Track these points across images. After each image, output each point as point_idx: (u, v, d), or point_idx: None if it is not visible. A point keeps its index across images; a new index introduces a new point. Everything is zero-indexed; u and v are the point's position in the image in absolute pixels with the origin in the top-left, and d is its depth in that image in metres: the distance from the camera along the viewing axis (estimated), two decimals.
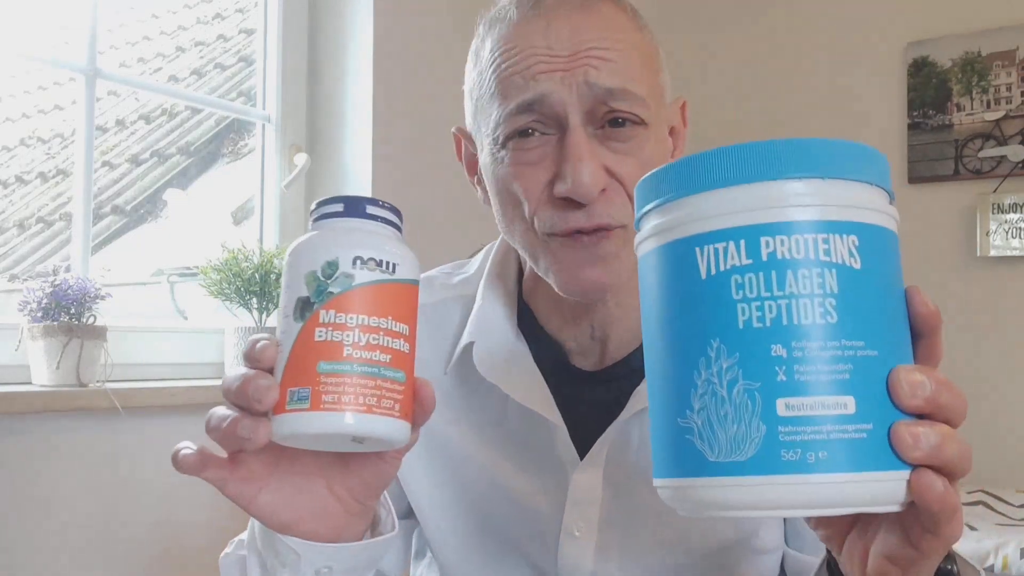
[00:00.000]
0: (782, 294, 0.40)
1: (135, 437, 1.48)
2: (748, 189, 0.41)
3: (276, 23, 2.01)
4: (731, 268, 0.41)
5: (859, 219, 0.42)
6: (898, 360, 0.42)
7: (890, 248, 0.44)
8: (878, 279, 0.42)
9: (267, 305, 1.71)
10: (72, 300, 1.38)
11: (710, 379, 0.41)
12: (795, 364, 0.40)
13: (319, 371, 0.48)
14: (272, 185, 1.98)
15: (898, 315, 0.43)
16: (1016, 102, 2.70)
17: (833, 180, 0.41)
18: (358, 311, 0.49)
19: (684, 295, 0.43)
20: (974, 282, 2.73)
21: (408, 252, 0.52)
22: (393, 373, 0.49)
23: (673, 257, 0.43)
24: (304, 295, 0.49)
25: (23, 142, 2.35)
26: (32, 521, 1.34)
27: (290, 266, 0.51)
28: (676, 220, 0.43)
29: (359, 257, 0.49)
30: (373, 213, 0.52)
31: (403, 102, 2.06)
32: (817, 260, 0.40)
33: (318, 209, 0.53)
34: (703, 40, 3.12)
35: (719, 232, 0.41)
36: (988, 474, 2.61)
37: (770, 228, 0.41)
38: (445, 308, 0.83)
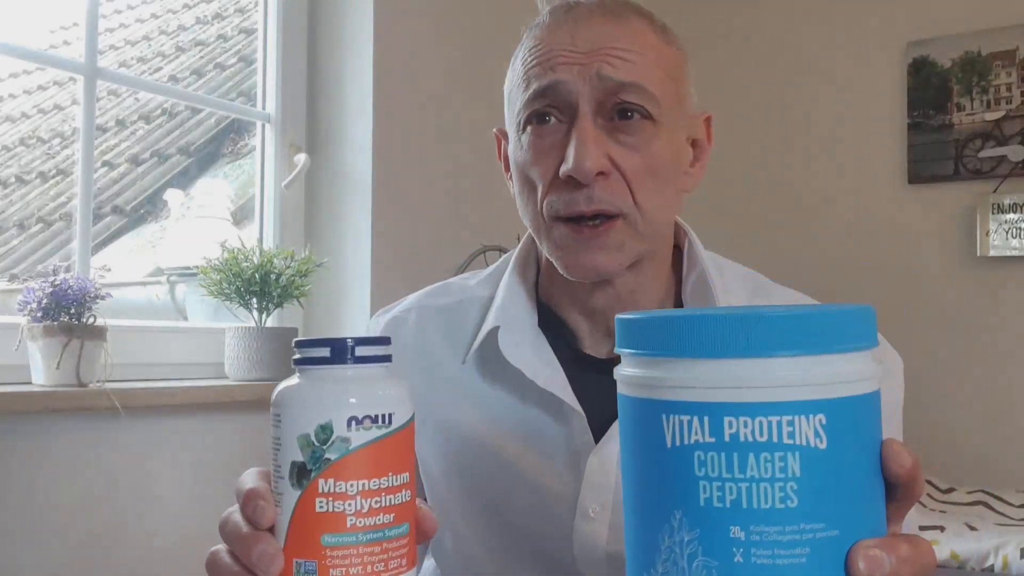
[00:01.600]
0: (743, 477, 0.40)
1: (135, 437, 1.48)
2: (714, 365, 0.41)
3: (276, 23, 2.01)
4: (695, 443, 0.41)
5: (829, 395, 0.41)
6: (863, 532, 0.42)
7: (864, 415, 0.43)
8: (845, 456, 0.41)
9: (267, 305, 1.71)
10: (72, 300, 1.38)
11: (672, 547, 0.42)
12: (752, 547, 0.40)
13: (324, 544, 0.47)
14: (272, 185, 1.98)
15: (868, 485, 0.43)
16: (1016, 102, 2.70)
17: (802, 357, 0.41)
18: (358, 476, 0.48)
19: (652, 458, 0.43)
20: (974, 282, 2.73)
21: (400, 389, 0.50)
22: (397, 531, 0.49)
23: (643, 415, 0.44)
24: (299, 460, 0.48)
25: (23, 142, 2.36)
26: (32, 521, 1.34)
27: (280, 420, 0.49)
28: (647, 378, 0.44)
29: (354, 418, 0.48)
30: (362, 355, 0.49)
31: (403, 102, 2.06)
32: (780, 443, 0.40)
33: (302, 352, 0.50)
34: (703, 40, 3.12)
35: (685, 404, 0.42)
36: (988, 474, 2.61)
37: (733, 408, 0.41)
38: (462, 307, 0.87)
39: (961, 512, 2.29)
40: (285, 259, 1.73)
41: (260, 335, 1.68)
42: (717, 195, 3.00)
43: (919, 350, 2.64)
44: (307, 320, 1.98)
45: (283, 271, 1.71)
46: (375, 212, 1.96)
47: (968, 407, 2.71)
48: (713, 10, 3.15)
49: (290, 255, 1.75)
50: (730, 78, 3.10)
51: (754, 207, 3.05)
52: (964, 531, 2.07)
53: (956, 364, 2.73)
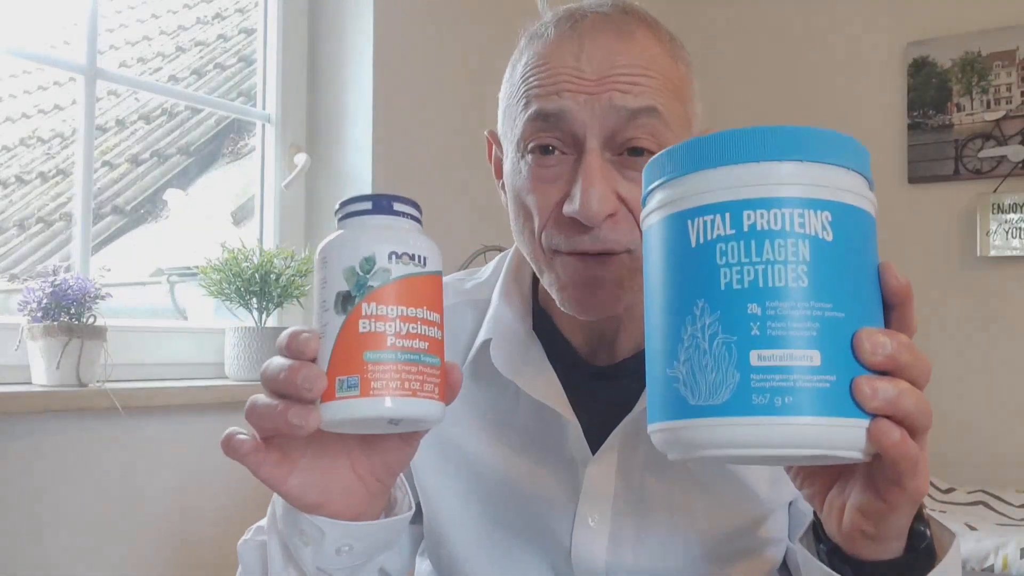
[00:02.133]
0: (760, 260, 0.45)
1: (135, 437, 1.48)
2: (735, 169, 0.46)
3: (276, 23, 2.01)
4: (717, 237, 0.46)
5: (834, 198, 0.46)
6: (865, 323, 0.46)
7: (864, 227, 0.47)
8: (849, 251, 0.46)
9: (267, 305, 1.71)
10: (72, 300, 1.38)
11: (695, 334, 0.46)
12: (768, 321, 0.44)
13: (366, 360, 0.51)
14: (272, 185, 1.98)
15: (868, 285, 0.47)
16: (1016, 102, 2.70)
17: (811, 163, 0.46)
18: (397, 302, 0.52)
19: (676, 261, 0.48)
20: (974, 282, 2.73)
21: (433, 245, 0.56)
22: (431, 359, 0.53)
23: (669, 229, 0.48)
24: (345, 289, 0.52)
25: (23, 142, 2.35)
26: (32, 521, 1.34)
27: (325, 262, 0.54)
28: (672, 196, 0.49)
29: (394, 252, 0.53)
30: (399, 210, 0.55)
31: (403, 102, 2.06)
32: (792, 232, 0.45)
33: (345, 207, 0.56)
34: (703, 40, 3.12)
35: (708, 207, 0.47)
36: (988, 474, 2.61)
37: (752, 203, 0.46)
38: (458, 312, 0.85)
39: (961, 512, 2.29)
40: (285, 259, 1.73)
41: (260, 335, 1.68)
42: None
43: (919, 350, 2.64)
44: (307, 320, 1.98)
45: (283, 271, 1.71)
46: None
47: (968, 407, 2.71)
48: (713, 10, 3.15)
49: (290, 255, 1.75)
50: (730, 78, 3.09)
51: None
52: (964, 531, 2.07)
53: (956, 364, 2.73)
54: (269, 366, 0.53)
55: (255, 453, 0.57)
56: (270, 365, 0.53)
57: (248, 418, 0.55)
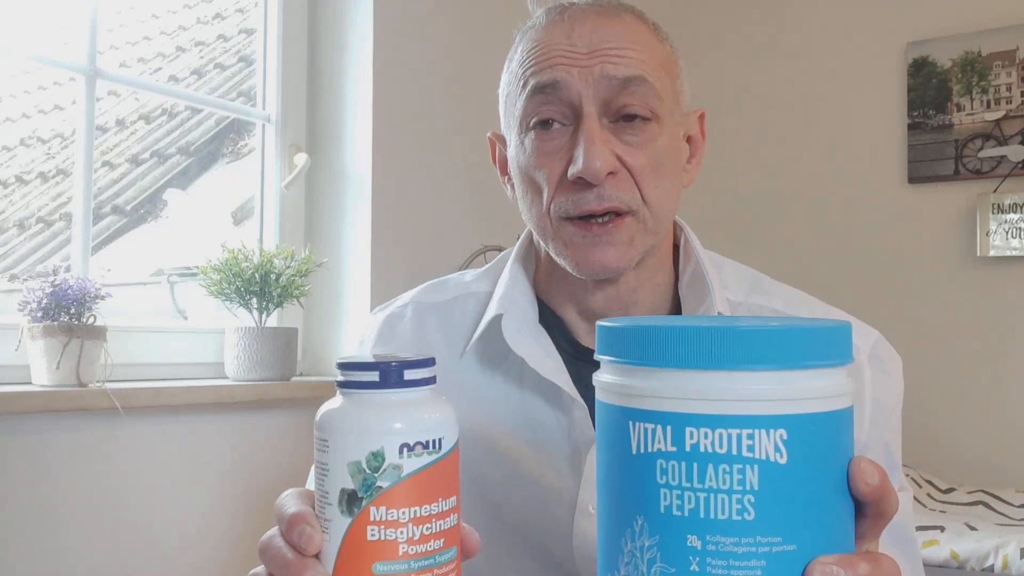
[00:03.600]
0: (701, 487, 0.41)
1: (135, 437, 1.48)
2: (679, 375, 0.42)
3: (276, 23, 2.01)
4: (657, 451, 0.42)
5: (793, 411, 0.41)
6: (823, 549, 0.42)
7: (831, 432, 0.43)
8: (807, 471, 0.41)
9: (267, 305, 1.71)
10: (72, 300, 1.38)
11: (633, 551, 0.43)
12: (708, 557, 0.41)
13: (376, 573, 0.47)
14: (272, 185, 1.98)
15: (831, 501, 0.43)
16: (1016, 102, 2.70)
17: (767, 372, 0.41)
18: (410, 504, 0.47)
19: (619, 463, 0.44)
20: (974, 282, 2.73)
21: (447, 412, 0.50)
22: (446, 556, 0.49)
23: (613, 421, 0.45)
24: (350, 488, 0.47)
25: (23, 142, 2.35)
26: (32, 521, 1.34)
27: (327, 445, 0.48)
28: (619, 385, 0.45)
29: (406, 444, 0.47)
30: (412, 379, 0.49)
31: (403, 102, 2.06)
32: (740, 456, 0.41)
33: (348, 374, 0.49)
34: (703, 40, 3.12)
35: (650, 413, 0.43)
36: (988, 474, 2.61)
37: (695, 420, 0.41)
38: (459, 303, 0.87)
39: (961, 512, 2.29)
40: (285, 259, 1.73)
41: (260, 335, 1.68)
42: (717, 195, 3.00)
43: (919, 350, 2.64)
44: (307, 320, 1.98)
45: (283, 271, 1.71)
46: (375, 212, 1.96)
47: (968, 407, 2.71)
48: (713, 9, 3.15)
49: (290, 255, 1.75)
50: (730, 78, 3.10)
51: (754, 207, 3.05)
52: (964, 531, 2.07)
53: (956, 364, 2.73)
54: (269, 548, 0.50)
55: None
56: (270, 547, 0.50)
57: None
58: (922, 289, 2.78)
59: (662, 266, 0.82)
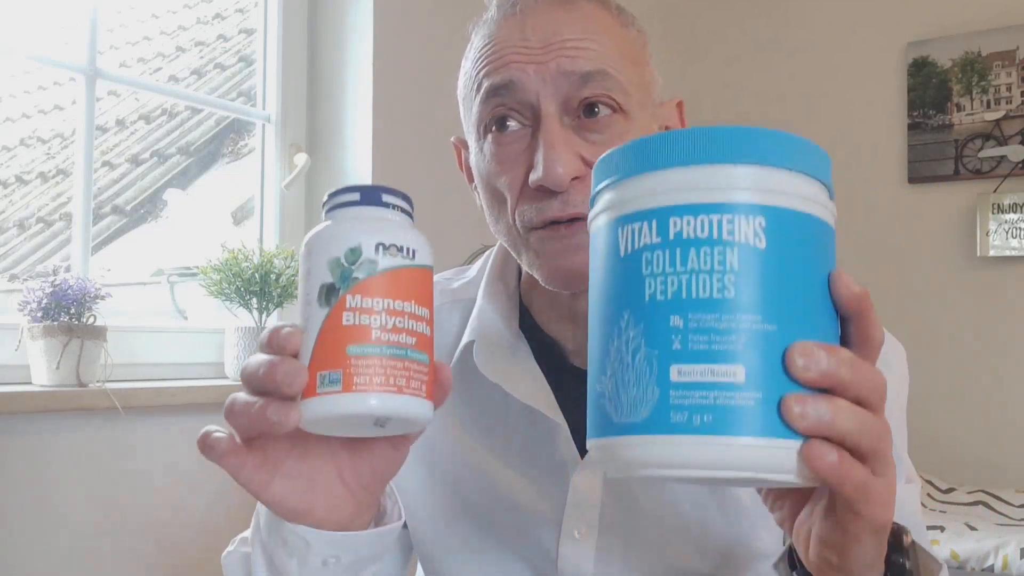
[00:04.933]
0: (684, 270, 0.42)
1: (135, 437, 1.48)
2: (664, 174, 0.44)
3: (276, 23, 2.01)
4: (643, 246, 0.44)
5: (770, 202, 0.43)
6: (805, 337, 0.42)
7: (812, 234, 0.44)
8: (787, 260, 0.43)
9: (267, 305, 1.71)
10: (72, 300, 1.38)
11: (620, 347, 0.44)
12: (690, 334, 0.42)
13: (349, 354, 0.48)
14: (272, 185, 1.98)
15: (814, 297, 0.44)
16: (1016, 102, 2.70)
17: (745, 165, 0.43)
18: (383, 295, 0.50)
19: (607, 271, 0.46)
20: (974, 282, 2.73)
21: (423, 238, 0.54)
22: (418, 355, 0.50)
23: (605, 236, 0.47)
24: (328, 281, 0.50)
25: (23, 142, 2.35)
26: (32, 521, 1.34)
27: (309, 254, 0.51)
28: (610, 201, 0.47)
29: (381, 243, 0.50)
30: (389, 201, 0.53)
31: (403, 102, 2.06)
32: (719, 239, 0.42)
33: (333, 199, 0.53)
34: (702, 39, 3.12)
35: (636, 214, 0.44)
36: (988, 474, 2.61)
37: (678, 210, 0.43)
38: (445, 312, 0.84)
39: (961, 512, 2.29)
40: (285, 259, 1.73)
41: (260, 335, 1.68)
42: None
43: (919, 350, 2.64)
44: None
45: (283, 271, 1.71)
46: None
47: (968, 407, 2.71)
48: (713, 8, 3.15)
49: (290, 255, 1.75)
50: (730, 77, 3.09)
51: None
52: (964, 531, 2.07)
53: (956, 364, 2.73)
54: (249, 363, 0.51)
55: (234, 455, 0.54)
56: (250, 362, 0.51)
57: (227, 417, 0.53)
58: (922, 289, 2.78)
59: None
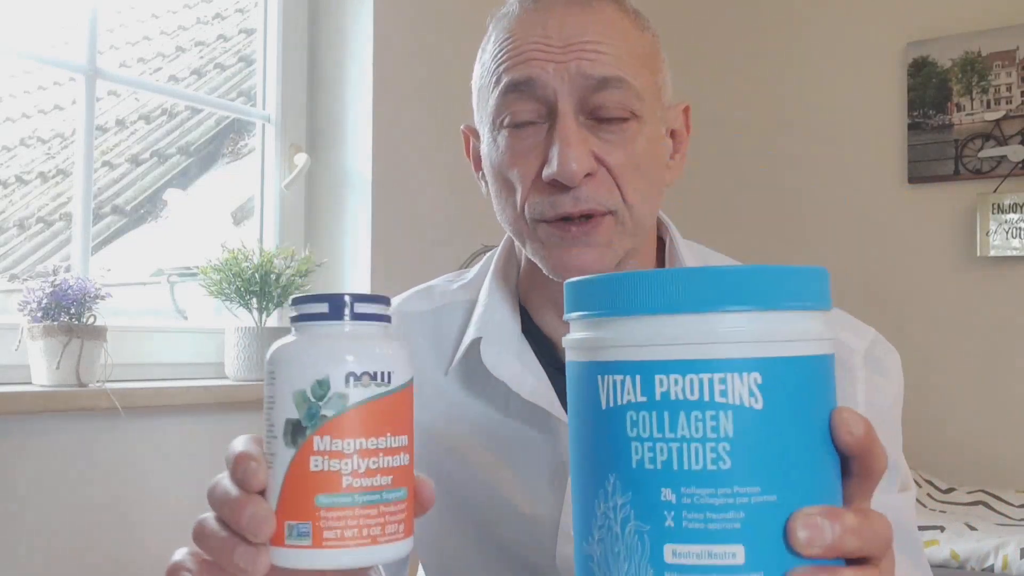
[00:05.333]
0: (673, 436, 0.39)
1: (135, 437, 1.48)
2: (646, 321, 0.40)
3: (276, 23, 2.01)
4: (627, 404, 0.40)
5: (767, 354, 0.39)
6: (806, 501, 0.39)
7: (808, 378, 0.40)
8: (785, 417, 0.39)
9: (267, 305, 1.71)
10: (72, 300, 1.38)
11: (607, 512, 0.41)
12: (683, 511, 0.39)
13: (318, 504, 0.45)
14: (272, 185, 1.98)
15: (814, 451, 0.40)
16: (1016, 102, 2.70)
17: (738, 312, 0.39)
18: (355, 435, 0.45)
19: (588, 422, 0.42)
20: (974, 282, 2.73)
21: (400, 350, 0.48)
22: (395, 494, 0.47)
23: (581, 378, 0.43)
24: (294, 418, 0.46)
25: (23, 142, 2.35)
26: (32, 521, 1.34)
27: (274, 377, 0.47)
28: (587, 340, 0.43)
29: (352, 373, 0.46)
30: (361, 312, 0.48)
31: (403, 102, 2.06)
32: (712, 402, 0.39)
33: (298, 308, 0.48)
34: (702, 39, 3.12)
35: (618, 364, 0.41)
36: (988, 474, 2.61)
37: (664, 366, 0.39)
38: (446, 312, 0.84)
39: (961, 512, 2.29)
40: (285, 259, 1.73)
41: (260, 335, 1.68)
42: (716, 194, 3.00)
43: (919, 350, 2.64)
44: None
45: (283, 271, 1.71)
46: (375, 212, 1.96)
47: (968, 407, 2.71)
48: (713, 9, 3.15)
49: (290, 255, 1.75)
50: (729, 77, 3.09)
51: (753, 207, 3.05)
52: (964, 531, 2.07)
53: (956, 364, 2.73)
54: (215, 490, 0.48)
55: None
56: (216, 488, 0.48)
57: (195, 540, 0.50)
58: (922, 289, 2.78)
59: (644, 266, 0.80)
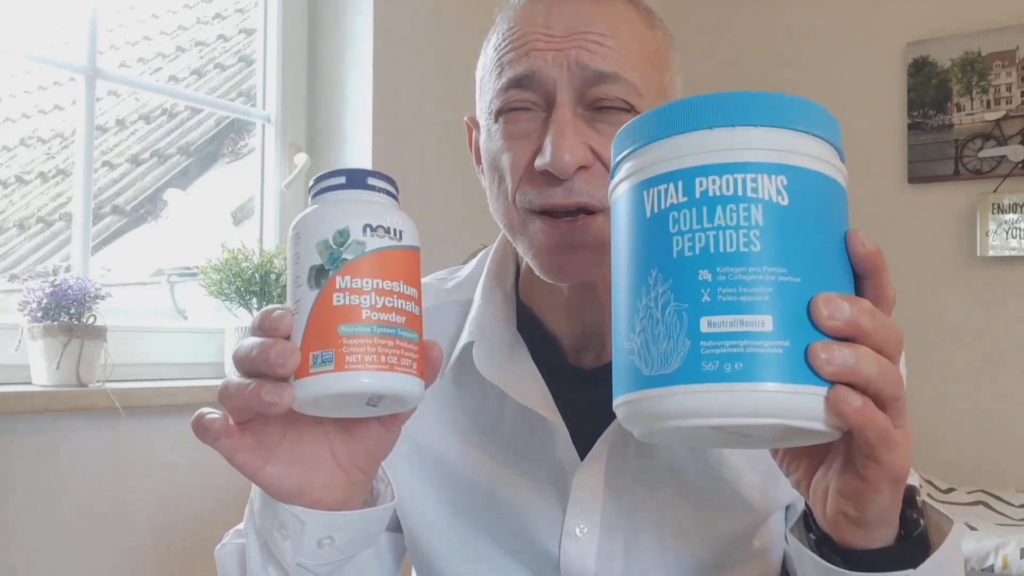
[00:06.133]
0: (711, 226, 0.44)
1: (135, 437, 1.48)
2: (689, 137, 0.46)
3: (276, 23, 2.01)
4: (670, 206, 0.46)
5: (791, 162, 0.45)
6: (827, 289, 0.44)
7: (828, 193, 0.47)
8: (808, 216, 0.45)
9: (267, 305, 1.71)
10: (72, 300, 1.38)
11: (649, 304, 0.45)
12: (719, 287, 0.43)
13: (340, 334, 0.49)
14: (272, 185, 1.98)
15: (833, 252, 0.46)
16: (1016, 102, 2.70)
17: (767, 128, 0.45)
18: (373, 275, 0.51)
19: (633, 233, 0.48)
20: (974, 282, 2.73)
21: (409, 220, 0.55)
22: (408, 334, 0.52)
23: (629, 200, 0.48)
24: (318, 263, 0.51)
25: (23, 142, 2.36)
26: (32, 521, 1.34)
27: (298, 237, 0.52)
28: (633, 167, 0.48)
29: (368, 225, 0.51)
30: (374, 184, 0.54)
31: (403, 102, 2.06)
32: (744, 196, 0.44)
33: (320, 183, 0.54)
34: (702, 39, 3.12)
35: (662, 176, 0.46)
36: (988, 474, 2.61)
37: (704, 170, 0.45)
38: (440, 312, 0.83)
39: (961, 512, 2.29)
40: (285, 259, 1.73)
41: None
42: None
43: (919, 350, 2.64)
44: None
45: (283, 271, 1.71)
46: None
47: (968, 407, 2.71)
48: (712, 9, 3.15)
49: None
50: (729, 77, 3.09)
51: None
52: (964, 531, 2.07)
53: (956, 364, 2.73)
54: (241, 346, 0.52)
55: (228, 437, 0.55)
56: (242, 345, 0.52)
57: (221, 400, 0.53)
58: (922, 289, 2.78)
59: None
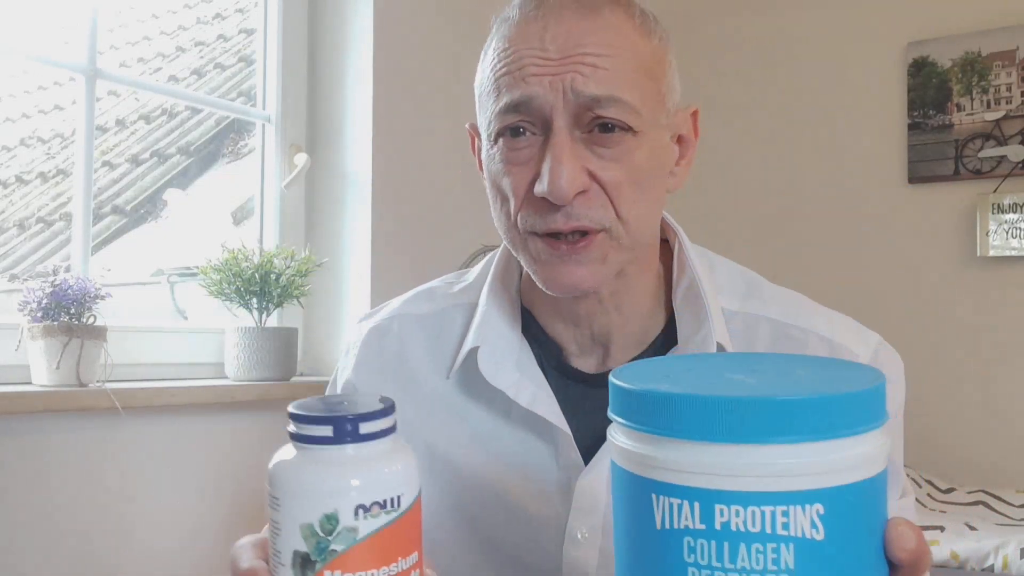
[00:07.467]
0: (733, 568, 0.38)
1: (135, 437, 1.48)
2: (706, 448, 0.39)
3: (276, 23, 2.01)
4: (684, 528, 0.39)
5: (828, 484, 0.39)
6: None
7: (867, 501, 0.40)
8: (844, 546, 0.39)
9: (267, 305, 1.71)
10: (72, 300, 1.38)
11: None
12: None
13: None
14: (272, 185, 1.98)
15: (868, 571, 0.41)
16: (1016, 102, 2.70)
17: (802, 444, 0.39)
18: (366, 567, 0.44)
19: (642, 539, 0.41)
20: (974, 282, 2.73)
21: (408, 463, 0.47)
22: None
23: (634, 492, 0.42)
24: (303, 550, 0.45)
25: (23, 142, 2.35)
26: (32, 521, 1.34)
27: (279, 503, 0.46)
28: (639, 455, 0.42)
29: (362, 506, 0.44)
30: (368, 432, 0.46)
31: (403, 102, 2.06)
32: (774, 534, 0.38)
33: (300, 426, 0.46)
34: (702, 40, 3.12)
35: (676, 487, 0.40)
36: (988, 474, 2.61)
37: (725, 496, 0.39)
38: (446, 316, 0.84)
39: (961, 512, 2.29)
40: (285, 259, 1.73)
41: (260, 335, 1.68)
42: (716, 195, 3.00)
43: (919, 350, 2.64)
44: (307, 320, 1.98)
45: (283, 271, 1.71)
46: (375, 212, 1.96)
47: (968, 407, 2.71)
48: (712, 9, 3.15)
49: (290, 255, 1.75)
50: (729, 78, 3.09)
51: (753, 207, 3.05)
52: (964, 531, 2.07)
53: (956, 364, 2.73)
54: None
55: None
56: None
57: None
58: (922, 289, 2.78)
59: (647, 269, 0.78)
